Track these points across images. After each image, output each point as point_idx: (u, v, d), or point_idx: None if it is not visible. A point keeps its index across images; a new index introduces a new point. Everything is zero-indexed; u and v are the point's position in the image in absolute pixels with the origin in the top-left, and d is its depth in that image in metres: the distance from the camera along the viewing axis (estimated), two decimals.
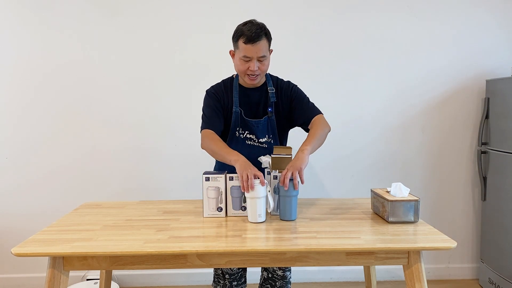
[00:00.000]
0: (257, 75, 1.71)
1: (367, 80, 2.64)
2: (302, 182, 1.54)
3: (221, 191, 1.61)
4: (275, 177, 1.63)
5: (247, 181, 1.50)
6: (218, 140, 1.71)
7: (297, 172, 1.53)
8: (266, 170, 1.70)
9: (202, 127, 1.80)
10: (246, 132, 1.81)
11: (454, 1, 2.60)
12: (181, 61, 2.59)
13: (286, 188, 1.52)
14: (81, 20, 2.54)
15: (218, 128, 1.78)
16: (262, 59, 1.68)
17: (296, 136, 2.01)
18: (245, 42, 1.64)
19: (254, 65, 1.67)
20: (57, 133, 2.60)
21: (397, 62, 2.64)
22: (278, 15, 2.57)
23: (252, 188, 1.50)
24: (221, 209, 1.63)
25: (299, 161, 1.55)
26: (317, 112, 1.83)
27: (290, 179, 1.53)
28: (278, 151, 1.66)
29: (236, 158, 1.58)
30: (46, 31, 2.53)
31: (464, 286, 2.70)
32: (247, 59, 1.67)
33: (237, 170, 1.55)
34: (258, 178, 1.51)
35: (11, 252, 1.29)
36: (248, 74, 1.71)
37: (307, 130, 1.85)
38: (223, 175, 1.61)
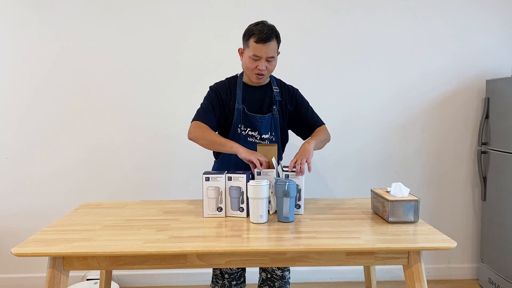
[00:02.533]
0: (263, 74, 1.77)
1: (367, 80, 2.64)
2: (309, 170, 1.64)
3: (221, 191, 1.61)
4: (259, 173, 1.63)
5: (259, 164, 1.61)
6: (212, 131, 1.78)
7: (305, 160, 1.63)
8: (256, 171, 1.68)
9: (195, 118, 1.84)
10: (248, 129, 1.83)
11: (454, 1, 2.60)
12: (181, 61, 2.59)
13: (302, 174, 1.62)
14: (82, 21, 2.54)
15: (211, 122, 1.82)
16: (270, 60, 1.75)
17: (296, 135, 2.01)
18: (256, 42, 1.70)
19: (263, 65, 1.73)
20: (57, 133, 2.60)
21: (397, 62, 2.64)
22: (277, 15, 2.57)
23: (266, 166, 1.63)
24: (221, 209, 1.63)
25: (306, 151, 1.66)
26: (322, 122, 1.95)
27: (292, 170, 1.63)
28: (262, 147, 1.71)
29: (236, 145, 1.67)
30: (46, 31, 2.53)
31: (464, 286, 2.70)
32: (256, 58, 1.73)
33: (242, 154, 1.63)
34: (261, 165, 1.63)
35: (11, 252, 1.29)
36: (255, 73, 1.76)
37: (304, 138, 1.96)
38: (223, 175, 1.61)
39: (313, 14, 2.59)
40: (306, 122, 1.93)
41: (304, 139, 1.98)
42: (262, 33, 1.68)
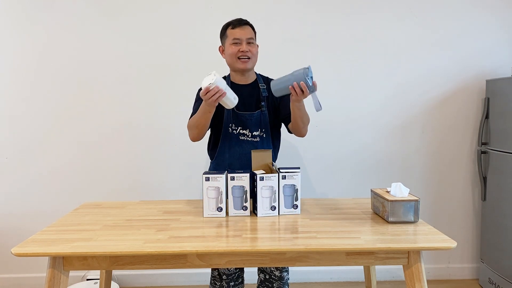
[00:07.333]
0: (248, 58, 1.82)
1: (367, 80, 2.64)
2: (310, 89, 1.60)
3: (221, 191, 1.61)
4: (262, 178, 1.60)
5: (212, 93, 1.55)
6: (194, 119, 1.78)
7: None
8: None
9: (188, 122, 1.84)
10: (239, 127, 1.86)
11: (454, 1, 2.60)
12: (180, 61, 2.59)
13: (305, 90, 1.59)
14: (80, 20, 2.54)
15: None
16: (250, 42, 1.82)
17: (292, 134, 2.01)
18: (233, 28, 1.82)
19: (245, 46, 1.80)
20: (57, 133, 2.60)
21: (397, 62, 2.64)
22: (277, 14, 2.57)
23: (217, 91, 1.55)
24: (221, 209, 1.63)
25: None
26: None
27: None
28: (256, 152, 1.70)
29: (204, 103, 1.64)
30: (44, 31, 2.53)
31: (464, 286, 2.70)
32: (237, 41, 1.80)
33: (204, 99, 1.60)
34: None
35: (11, 252, 1.29)
36: (239, 58, 1.81)
37: (289, 126, 1.90)
38: (223, 175, 1.61)
39: (313, 14, 2.59)
40: (288, 108, 1.83)
41: (287, 126, 1.92)
42: (237, 20, 1.83)
